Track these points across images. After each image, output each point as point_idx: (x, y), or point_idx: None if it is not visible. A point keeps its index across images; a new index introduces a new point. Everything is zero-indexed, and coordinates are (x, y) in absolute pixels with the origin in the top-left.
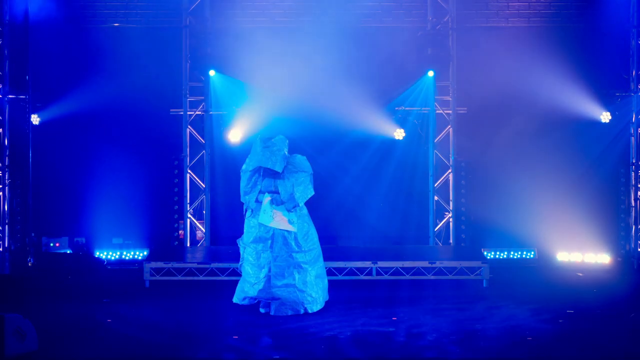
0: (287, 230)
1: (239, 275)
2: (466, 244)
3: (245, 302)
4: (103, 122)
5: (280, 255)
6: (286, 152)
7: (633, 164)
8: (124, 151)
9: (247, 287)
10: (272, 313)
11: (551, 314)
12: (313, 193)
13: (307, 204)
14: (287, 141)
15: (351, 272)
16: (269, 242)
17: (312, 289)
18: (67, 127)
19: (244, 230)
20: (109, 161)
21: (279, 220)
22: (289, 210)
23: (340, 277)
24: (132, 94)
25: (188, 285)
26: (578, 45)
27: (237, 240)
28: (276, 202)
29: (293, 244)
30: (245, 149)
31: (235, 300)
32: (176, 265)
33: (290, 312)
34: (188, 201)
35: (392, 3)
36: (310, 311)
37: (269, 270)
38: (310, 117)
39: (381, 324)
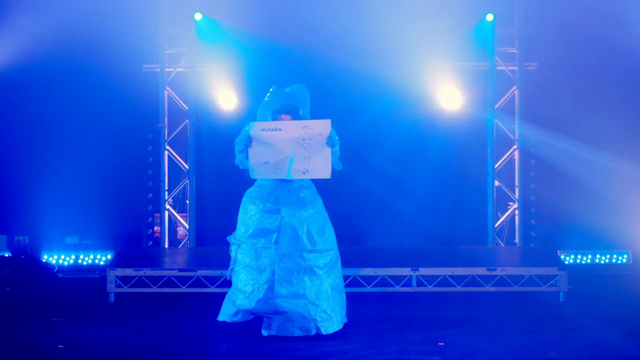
0: (298, 221)
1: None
2: (537, 245)
3: (238, 318)
4: (51, 84)
5: (289, 254)
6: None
7: None
8: (79, 122)
9: (241, 299)
10: (273, 332)
11: None
12: (340, 169)
13: (322, 191)
14: (309, 94)
15: (383, 281)
16: (274, 235)
17: (326, 303)
18: None
19: (238, 222)
20: (60, 135)
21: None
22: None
23: (369, 289)
24: (90, 44)
25: (166, 300)
26: None
27: (228, 238)
28: None
29: (305, 239)
30: (243, 117)
31: (221, 317)
32: (150, 272)
33: (298, 332)
34: (166, 188)
35: None
36: (324, 332)
37: (272, 274)
38: (329, 75)
39: (423, 352)
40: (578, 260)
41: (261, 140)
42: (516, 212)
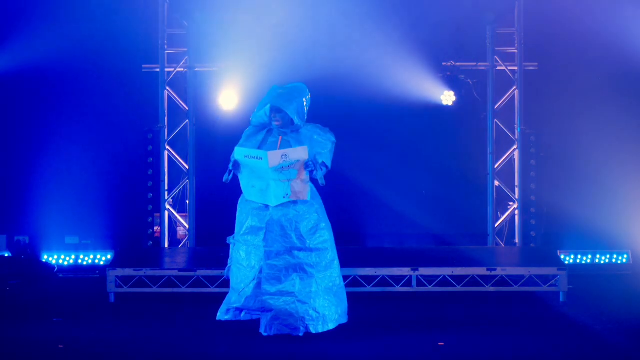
0: (286, 219)
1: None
2: (537, 245)
3: (229, 316)
4: (52, 84)
5: (276, 251)
6: (305, 104)
7: None
8: (80, 122)
9: (234, 297)
10: (261, 330)
11: None
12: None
13: (322, 191)
14: (309, 94)
15: (383, 281)
16: (262, 232)
17: (318, 303)
18: None
19: (236, 221)
20: (60, 135)
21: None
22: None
23: (369, 289)
24: (90, 44)
25: (166, 300)
26: None
27: (228, 238)
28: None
29: (294, 236)
30: (243, 118)
31: (218, 316)
32: (150, 272)
33: (286, 331)
34: (166, 188)
35: None
36: (313, 331)
37: (260, 272)
38: (326, 75)
39: (423, 353)
40: (578, 260)
41: (246, 166)
42: (516, 212)
